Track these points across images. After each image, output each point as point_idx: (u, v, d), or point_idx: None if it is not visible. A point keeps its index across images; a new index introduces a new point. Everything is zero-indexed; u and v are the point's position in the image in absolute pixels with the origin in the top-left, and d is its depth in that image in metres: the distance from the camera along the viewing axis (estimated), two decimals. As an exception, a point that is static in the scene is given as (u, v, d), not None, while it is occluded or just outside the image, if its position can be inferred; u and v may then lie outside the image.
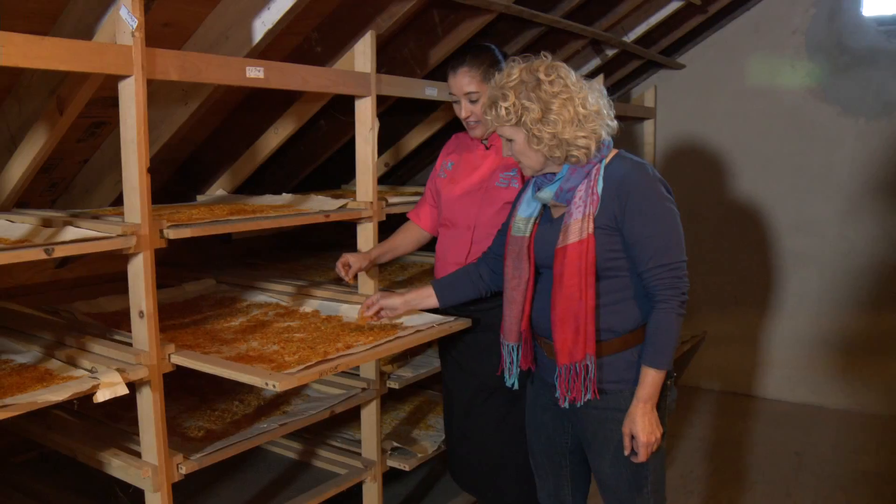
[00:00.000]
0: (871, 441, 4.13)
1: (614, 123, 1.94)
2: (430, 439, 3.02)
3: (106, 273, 3.09)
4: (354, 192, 3.23)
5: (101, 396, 1.75)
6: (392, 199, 2.85)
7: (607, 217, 1.87)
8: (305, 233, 4.36)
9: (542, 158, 1.91)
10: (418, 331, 2.27)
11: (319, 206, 2.61)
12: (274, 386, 1.76)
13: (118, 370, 1.83)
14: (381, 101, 2.67)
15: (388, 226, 2.79)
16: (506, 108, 1.87)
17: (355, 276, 2.60)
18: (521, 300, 2.03)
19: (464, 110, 2.44)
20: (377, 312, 2.32)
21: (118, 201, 2.61)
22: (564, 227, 1.89)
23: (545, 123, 1.84)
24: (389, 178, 4.25)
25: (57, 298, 2.77)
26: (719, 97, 4.74)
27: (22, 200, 2.70)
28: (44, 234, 1.92)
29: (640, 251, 1.86)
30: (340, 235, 3.98)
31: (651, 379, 1.86)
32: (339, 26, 2.70)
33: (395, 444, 2.91)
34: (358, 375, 2.72)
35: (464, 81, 2.40)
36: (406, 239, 2.70)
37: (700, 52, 4.79)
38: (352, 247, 2.74)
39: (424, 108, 3.68)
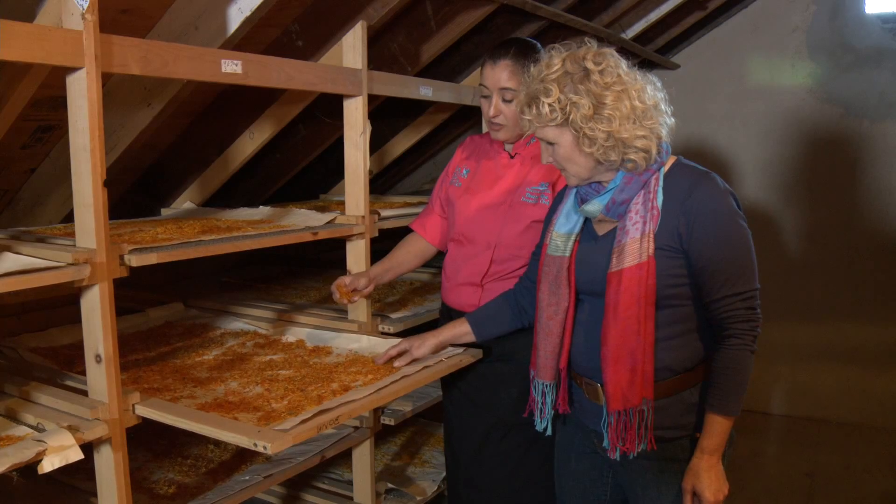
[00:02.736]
0: (882, 458, 3.93)
1: (672, 121, 1.63)
2: (427, 478, 2.74)
3: (59, 296, 2.72)
4: (336, 203, 2.94)
5: (49, 465, 1.41)
6: (385, 213, 2.54)
7: (669, 236, 1.57)
8: (283, 245, 4.03)
9: (592, 164, 1.60)
10: (426, 366, 1.96)
11: (304, 221, 2.29)
12: (266, 448, 1.44)
13: (70, 428, 1.50)
14: (368, 102, 2.36)
15: (381, 242, 2.49)
16: (549, 105, 1.55)
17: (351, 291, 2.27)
18: (558, 331, 1.72)
19: (493, 108, 2.13)
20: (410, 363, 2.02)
21: (71, 216, 2.28)
22: (619, 247, 1.59)
23: (598, 121, 1.53)
24: (371, 187, 3.93)
25: (1, 328, 2.40)
26: (716, 98, 4.51)
27: (-42, 217, 2.35)
28: (-25, 262, 1.57)
29: (709, 277, 1.57)
30: (320, 248, 3.67)
31: (719, 427, 1.57)
32: (323, 17, 2.38)
33: (390, 485, 2.61)
34: (349, 412, 2.40)
35: (503, 76, 2.09)
36: (408, 254, 2.36)
37: (695, 51, 4.55)
38: (333, 263, 2.44)
39: (411, 111, 3.38)
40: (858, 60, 4.15)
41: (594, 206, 1.64)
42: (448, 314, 2.30)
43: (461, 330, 2.02)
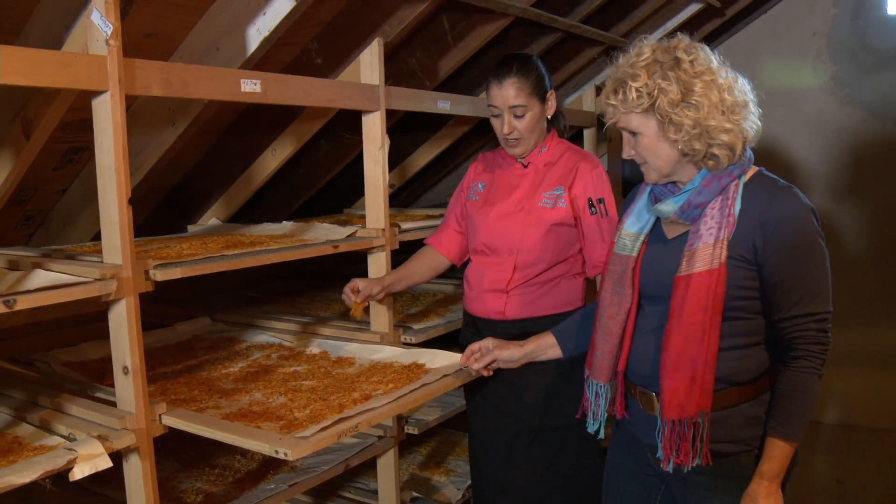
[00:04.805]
0: (916, 465, 3.87)
1: (759, 125, 1.58)
2: (452, 487, 2.76)
3: (91, 312, 2.80)
4: (359, 217, 2.99)
5: (79, 473, 1.46)
6: (405, 225, 2.58)
7: (744, 247, 1.52)
8: (307, 260, 4.09)
9: (675, 155, 1.55)
10: (445, 375, 1.99)
11: (325, 235, 2.34)
12: (286, 455, 1.48)
13: (100, 437, 1.55)
14: (387, 116, 2.41)
15: (402, 255, 2.53)
16: (636, 90, 1.51)
17: (366, 310, 2.32)
18: (618, 332, 1.68)
19: (506, 125, 2.19)
20: (488, 366, 1.98)
21: (100, 235, 2.35)
22: (689, 251, 1.54)
23: (686, 107, 1.49)
24: (395, 200, 3.99)
25: (35, 344, 2.48)
26: (737, 104, 4.49)
27: (-6, 237, 2.44)
28: (9, 279, 1.63)
29: (782, 294, 1.51)
30: (344, 262, 3.72)
31: (780, 452, 1.51)
32: (340, 35, 2.44)
33: (416, 494, 2.64)
34: (373, 422, 2.44)
35: (510, 93, 2.16)
36: (422, 266, 2.41)
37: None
38: (358, 275, 2.48)
39: (432, 125, 3.43)
40: (881, 62, 4.12)
41: (668, 207, 1.59)
42: (473, 323, 2.34)
43: (546, 342, 1.95)
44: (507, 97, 2.17)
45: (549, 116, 2.27)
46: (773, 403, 1.56)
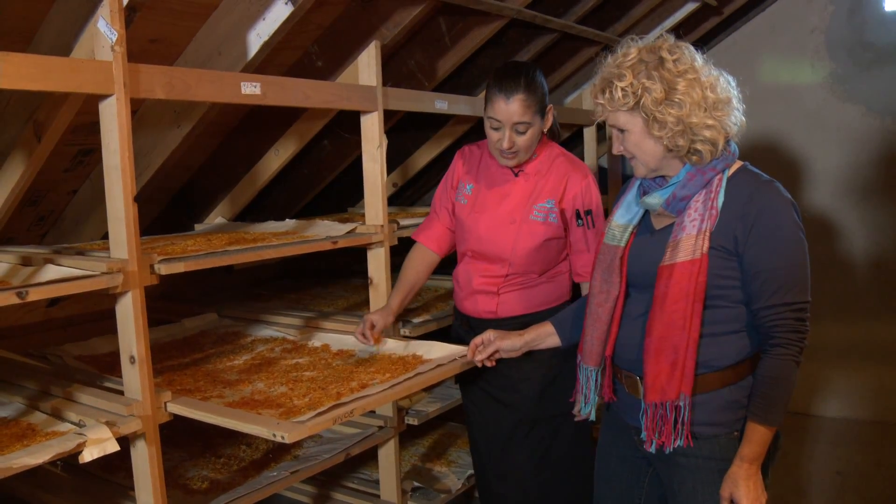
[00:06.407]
0: (916, 457, 3.90)
1: (743, 120, 1.65)
2: (453, 476, 2.83)
3: (102, 310, 2.90)
4: (362, 215, 3.07)
5: (88, 456, 1.55)
6: (404, 222, 2.66)
7: (726, 238, 1.59)
8: (313, 259, 4.18)
9: (660, 150, 1.63)
10: (440, 365, 2.07)
11: (326, 231, 2.42)
12: (283, 438, 1.56)
13: (108, 423, 1.64)
14: (387, 116, 2.49)
15: (401, 250, 2.60)
16: (622, 89, 1.58)
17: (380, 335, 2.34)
18: (606, 319, 1.76)
19: (507, 140, 2.15)
20: (491, 356, 2.05)
21: (109, 233, 2.44)
22: (673, 241, 1.62)
23: (669, 105, 1.56)
24: (398, 199, 4.06)
25: (49, 340, 2.58)
26: (737, 102, 4.53)
27: (9, 236, 2.52)
28: (22, 274, 1.73)
29: (761, 284, 1.58)
30: (350, 260, 3.80)
31: (759, 436, 1.57)
32: (340, 39, 2.52)
33: (416, 483, 2.72)
34: (374, 412, 2.52)
35: (517, 110, 2.11)
36: (420, 272, 2.41)
37: (713, 55, 4.49)
38: (363, 273, 2.56)
39: (433, 124, 3.50)
40: (879, 58, 4.14)
41: (655, 199, 1.67)
42: (467, 322, 2.39)
43: (545, 331, 2.03)
44: (512, 113, 2.12)
45: (544, 131, 2.26)
46: (753, 389, 1.63)
